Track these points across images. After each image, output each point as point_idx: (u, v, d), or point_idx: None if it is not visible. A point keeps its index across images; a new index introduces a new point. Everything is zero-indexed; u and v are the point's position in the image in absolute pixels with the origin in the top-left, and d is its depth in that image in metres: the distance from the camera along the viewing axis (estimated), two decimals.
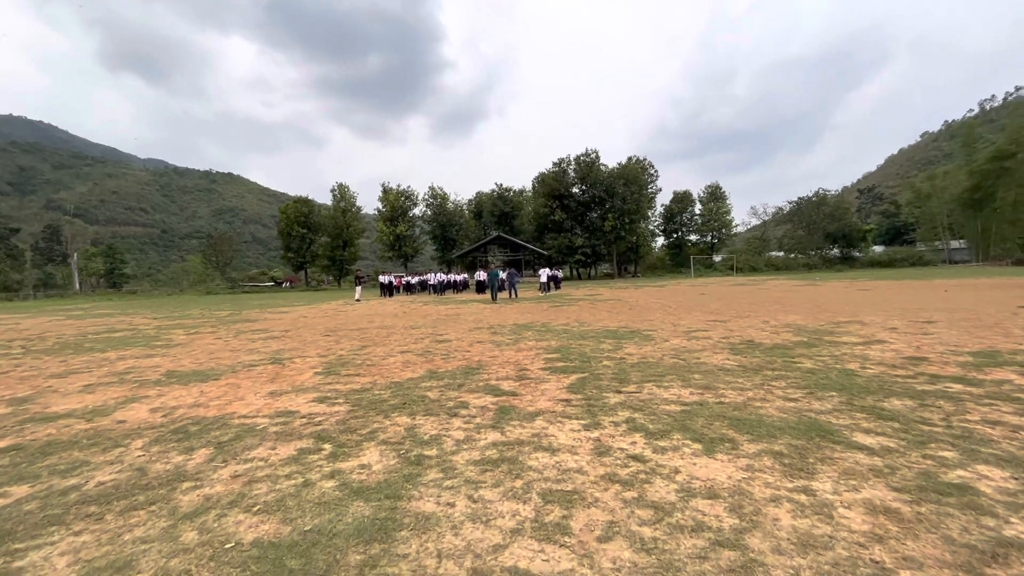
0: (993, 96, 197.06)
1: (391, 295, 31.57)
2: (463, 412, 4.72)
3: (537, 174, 60.03)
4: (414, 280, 35.29)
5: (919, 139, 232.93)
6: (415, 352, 8.50)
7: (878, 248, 64.45)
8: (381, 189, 60.01)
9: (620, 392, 5.24)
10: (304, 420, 4.65)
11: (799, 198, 62.46)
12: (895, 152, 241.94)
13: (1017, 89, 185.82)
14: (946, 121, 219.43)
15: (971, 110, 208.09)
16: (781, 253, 66.50)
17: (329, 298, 33.43)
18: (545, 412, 4.63)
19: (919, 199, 60.46)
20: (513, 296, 25.31)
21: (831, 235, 58.73)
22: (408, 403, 5.11)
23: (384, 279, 32.03)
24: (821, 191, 61.24)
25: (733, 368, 6.25)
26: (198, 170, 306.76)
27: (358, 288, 27.17)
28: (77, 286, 79.77)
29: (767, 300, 16.94)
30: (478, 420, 4.46)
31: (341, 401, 5.31)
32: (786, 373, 5.85)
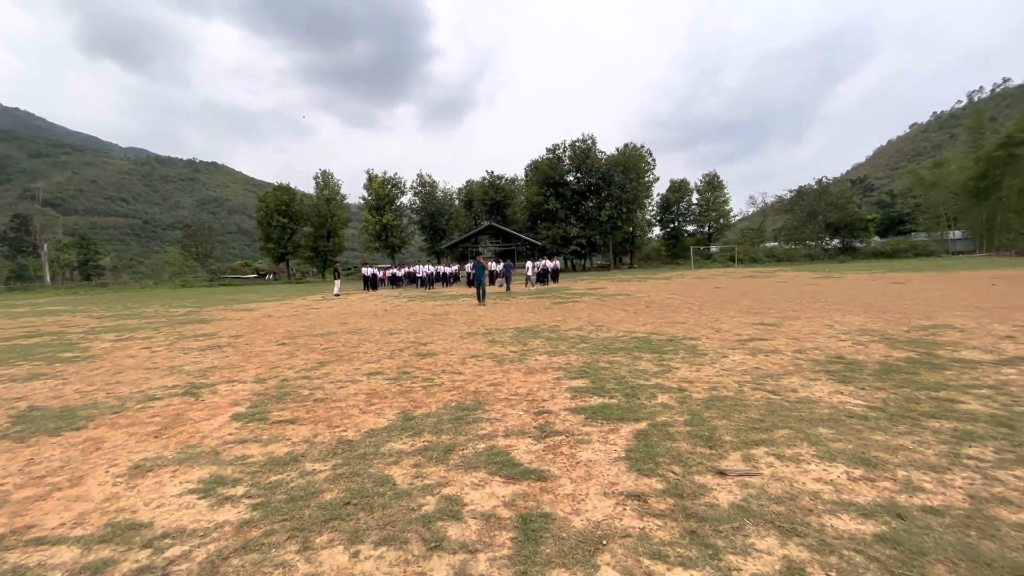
0: (981, 88, 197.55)
1: (375, 289, 29.16)
2: (452, 532, 2.50)
3: (530, 161, 57.61)
4: (400, 272, 32.84)
5: (908, 130, 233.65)
6: (387, 374, 6.25)
7: (879, 239, 62.94)
8: (366, 176, 57.13)
9: (722, 473, 3.05)
10: (144, 556, 2.40)
11: (800, 186, 60.62)
12: (884, 143, 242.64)
13: (1005, 80, 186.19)
14: (935, 112, 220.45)
15: (959, 101, 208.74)
16: (777, 243, 64.81)
17: (307, 292, 30.92)
18: (611, 533, 2.43)
19: (922, 187, 58.84)
20: (507, 290, 23.15)
21: (832, 225, 57.00)
22: (355, 499, 2.88)
23: (367, 271, 29.58)
24: (824, 179, 59.41)
25: (864, 412, 4.09)
26: (181, 159, 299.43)
27: (336, 282, 24.75)
28: (48, 278, 76.20)
29: (799, 295, 14.88)
30: (483, 561, 2.25)
31: (242, 491, 3.06)
32: (965, 426, 3.69)
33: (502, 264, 23.95)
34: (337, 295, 24.15)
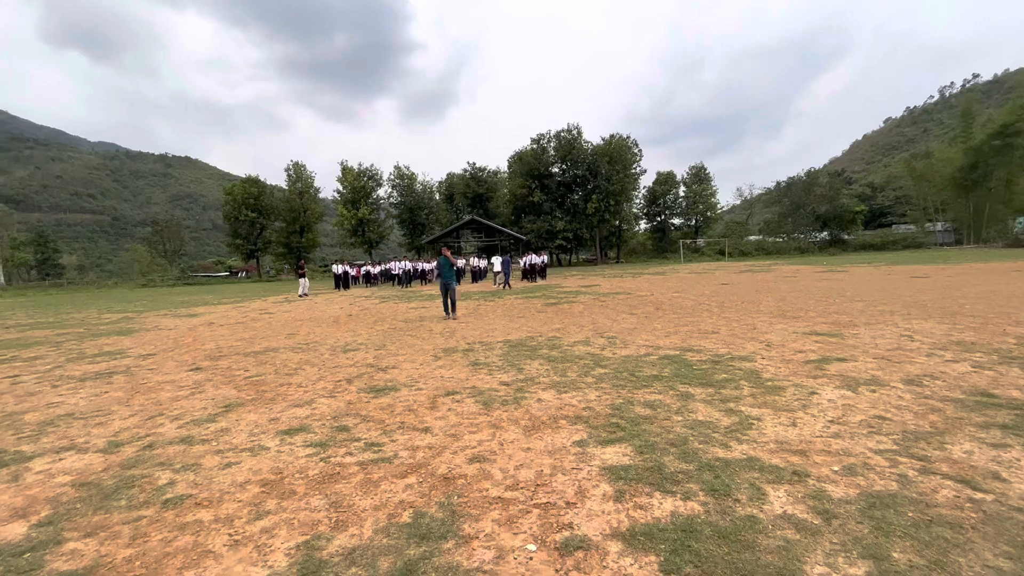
0: (952, 83, 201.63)
1: (347, 288, 26.71)
2: None
3: (514, 152, 55.25)
4: (375, 270, 30.39)
5: (882, 125, 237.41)
6: (315, 432, 4.08)
7: (864, 231, 62.23)
8: (340, 168, 54.10)
9: None
10: None
11: (789, 178, 59.48)
12: (859, 138, 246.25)
13: (975, 76, 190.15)
14: (908, 108, 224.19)
15: (931, 97, 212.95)
16: (761, 236, 63.82)
17: (274, 291, 28.33)
18: None
19: (912, 178, 58.16)
20: (507, 287, 21.00)
21: (820, 217, 56.00)
22: None
23: (338, 269, 27.06)
24: (812, 170, 58.33)
25: None
26: (152, 154, 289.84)
27: (302, 281, 22.26)
28: (2, 278, 71.54)
29: (823, 293, 13.04)
30: None
31: None
32: None
33: (486, 260, 21.78)
34: (305, 295, 21.76)
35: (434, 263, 30.43)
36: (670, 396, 4.58)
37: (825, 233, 56.60)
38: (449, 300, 11.53)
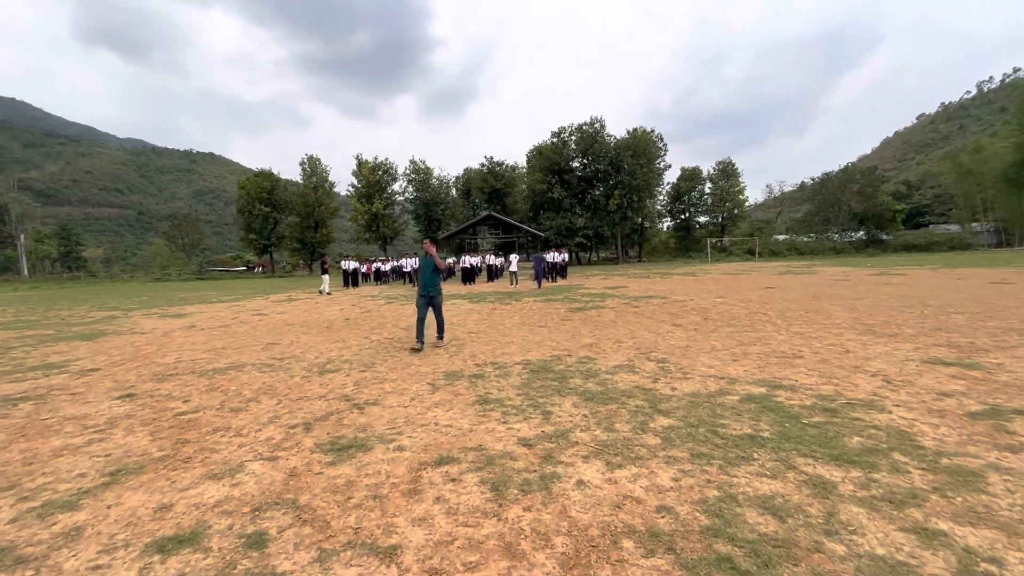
0: (991, 78, 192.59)
1: (355, 285, 25.30)
2: None
3: (533, 147, 53.35)
4: (386, 267, 28.95)
5: (915, 121, 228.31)
6: (211, 544, 2.42)
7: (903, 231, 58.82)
8: (355, 162, 52.92)
9: None
10: None
11: (823, 174, 56.43)
12: (891, 135, 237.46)
13: (1015, 70, 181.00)
14: (943, 103, 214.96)
15: (968, 92, 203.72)
16: (790, 235, 60.86)
17: (280, 288, 27.09)
18: None
19: (958, 174, 54.63)
20: (539, 287, 19.31)
21: (857, 215, 52.91)
22: None
23: (348, 265, 25.66)
24: (848, 166, 55.22)
25: None
26: (178, 150, 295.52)
27: (324, 277, 21.02)
28: (26, 271, 72.46)
29: (899, 300, 11.03)
30: None
31: None
32: None
33: (500, 257, 20.08)
34: (327, 292, 20.48)
35: (449, 260, 28.72)
36: (793, 484, 2.83)
37: (862, 232, 53.54)
38: (436, 318, 7.76)
